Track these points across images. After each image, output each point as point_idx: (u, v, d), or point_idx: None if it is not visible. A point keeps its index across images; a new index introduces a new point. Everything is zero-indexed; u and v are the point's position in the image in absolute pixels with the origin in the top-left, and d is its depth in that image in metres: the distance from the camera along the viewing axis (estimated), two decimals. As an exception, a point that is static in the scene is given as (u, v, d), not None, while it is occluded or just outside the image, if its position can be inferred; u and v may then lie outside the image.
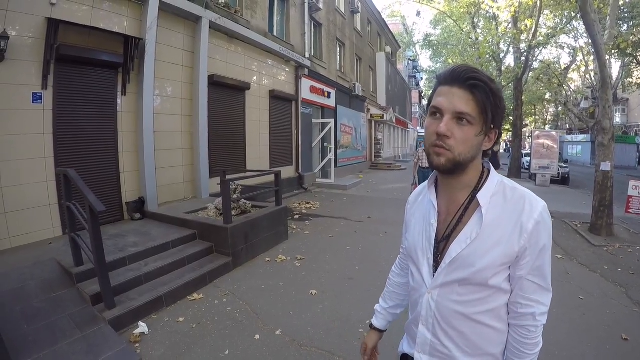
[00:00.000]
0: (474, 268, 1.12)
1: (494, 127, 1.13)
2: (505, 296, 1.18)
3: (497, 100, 1.09)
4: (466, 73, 1.07)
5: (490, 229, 1.12)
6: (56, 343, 3.32)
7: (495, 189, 1.16)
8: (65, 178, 4.34)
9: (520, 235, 1.09)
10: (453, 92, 1.09)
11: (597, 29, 7.52)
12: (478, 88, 1.06)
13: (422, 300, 1.26)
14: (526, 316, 1.17)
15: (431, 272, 1.24)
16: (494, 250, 1.11)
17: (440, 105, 1.10)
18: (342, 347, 3.63)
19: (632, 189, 8.19)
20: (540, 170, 16.41)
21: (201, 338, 3.75)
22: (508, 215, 1.12)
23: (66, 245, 4.70)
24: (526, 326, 1.17)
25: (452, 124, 1.08)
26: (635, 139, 32.00)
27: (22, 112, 5.32)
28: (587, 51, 17.79)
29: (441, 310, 1.20)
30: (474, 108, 1.07)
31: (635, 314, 4.37)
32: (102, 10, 6.32)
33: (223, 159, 9.45)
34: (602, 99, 7.95)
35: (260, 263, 5.98)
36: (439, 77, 1.17)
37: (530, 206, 1.12)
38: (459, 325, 1.18)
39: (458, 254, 1.15)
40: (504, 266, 1.13)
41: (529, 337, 1.18)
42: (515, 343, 1.20)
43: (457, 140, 1.08)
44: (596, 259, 6.27)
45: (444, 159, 1.10)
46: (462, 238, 1.15)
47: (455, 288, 1.17)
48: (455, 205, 1.22)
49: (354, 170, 19.56)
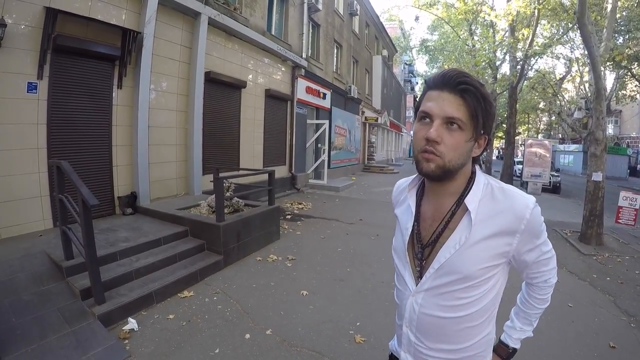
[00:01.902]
0: (463, 273, 1.11)
1: (483, 133, 1.11)
2: (494, 295, 1.18)
3: (487, 106, 1.07)
4: (457, 77, 1.06)
5: (480, 232, 1.10)
6: (45, 337, 3.29)
7: (483, 192, 1.15)
8: (58, 170, 4.29)
9: (517, 227, 1.10)
10: (443, 96, 1.07)
11: (593, 41, 7.60)
12: (469, 93, 1.04)
13: (406, 302, 1.26)
14: (539, 283, 1.31)
15: (413, 277, 1.24)
16: (484, 252, 1.10)
17: (429, 109, 1.08)
18: (332, 348, 3.63)
19: (623, 199, 8.28)
20: (532, 179, 16.52)
21: (191, 336, 3.73)
22: (499, 214, 1.11)
23: (57, 238, 4.66)
24: (539, 285, 1.32)
25: (442, 129, 1.06)
26: (627, 150, 32.37)
27: (17, 102, 5.26)
28: (582, 62, 17.96)
29: (425, 314, 1.20)
30: (464, 113, 1.05)
31: (623, 323, 4.43)
32: (101, 2, 6.27)
33: (217, 156, 9.41)
34: (596, 110, 8.02)
35: (251, 262, 5.96)
36: (428, 81, 1.15)
37: (523, 198, 1.12)
38: (443, 329, 1.19)
39: (447, 260, 1.13)
40: (496, 265, 1.13)
41: (540, 293, 1.34)
42: (527, 296, 1.38)
43: (447, 146, 1.06)
44: (585, 268, 6.33)
45: (434, 164, 1.08)
46: (450, 244, 1.14)
47: (441, 292, 1.16)
48: (441, 210, 1.20)
49: (346, 172, 19.58)
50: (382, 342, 3.76)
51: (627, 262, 6.80)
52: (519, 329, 1.41)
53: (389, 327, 4.03)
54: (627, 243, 8.18)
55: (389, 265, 5.67)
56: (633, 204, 8.16)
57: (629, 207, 8.20)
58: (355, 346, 3.68)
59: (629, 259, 6.96)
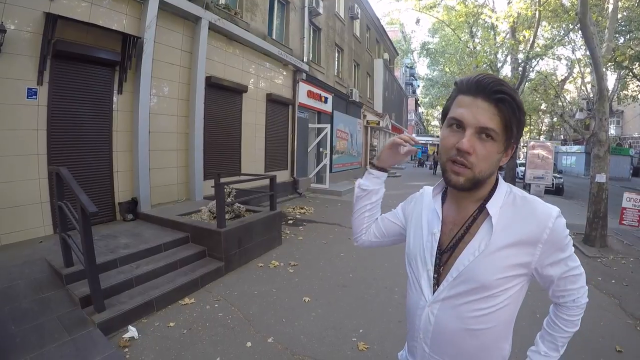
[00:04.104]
0: (481, 281, 1.07)
1: (513, 142, 1.07)
2: (512, 309, 1.14)
3: (521, 116, 1.02)
4: (494, 85, 0.99)
5: (500, 239, 1.07)
6: (44, 346, 3.25)
7: (505, 199, 1.12)
8: (57, 176, 4.26)
9: (539, 236, 1.05)
10: (477, 104, 1.01)
11: (595, 42, 7.56)
12: (505, 102, 0.99)
13: (421, 313, 1.20)
14: (567, 302, 1.21)
15: (430, 285, 1.19)
16: (504, 261, 1.06)
17: (462, 117, 1.03)
18: (335, 355, 3.59)
19: (627, 200, 8.21)
20: (534, 180, 16.43)
21: (192, 344, 3.69)
22: (521, 222, 1.07)
23: (57, 245, 4.62)
24: (567, 305, 1.22)
25: (474, 139, 1.01)
26: (629, 151, 32.31)
27: (16, 108, 5.25)
28: (584, 63, 17.89)
29: (441, 326, 1.15)
30: (498, 123, 1.00)
31: (629, 326, 4.37)
32: (101, 7, 6.27)
33: (218, 161, 9.38)
34: (599, 111, 7.97)
35: (253, 268, 5.92)
36: (460, 84, 1.09)
37: (546, 207, 1.08)
38: (459, 342, 1.14)
39: (465, 267, 1.09)
40: (516, 276, 1.08)
41: (568, 314, 1.23)
42: (554, 317, 1.27)
43: (478, 157, 1.01)
44: (590, 270, 6.25)
45: (463, 178, 1.04)
46: (470, 250, 1.10)
47: (458, 303, 1.12)
48: (463, 215, 1.17)
49: (348, 176, 19.52)
50: (385, 349, 3.71)
51: (632, 264, 6.73)
52: (543, 354, 1.28)
53: (393, 334, 3.98)
54: (632, 244, 8.10)
55: (392, 271, 5.64)
56: (637, 205, 8.09)
57: (633, 208, 8.13)
58: (358, 353, 3.63)
59: (634, 261, 6.88)
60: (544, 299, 1.29)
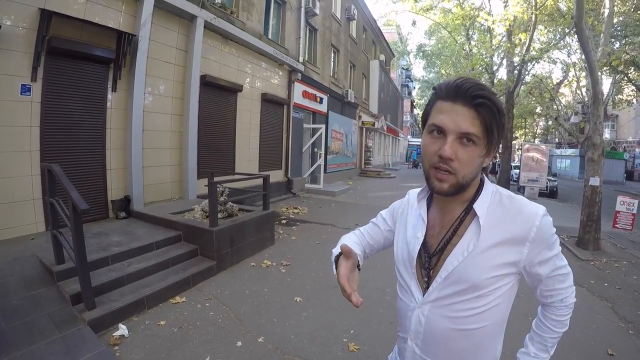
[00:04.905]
0: (471, 281, 1.07)
1: (494, 144, 1.07)
2: (503, 309, 1.14)
3: (502, 118, 1.02)
4: (473, 90, 0.99)
5: (488, 239, 1.07)
6: (34, 343, 3.24)
7: (491, 199, 1.12)
8: (49, 173, 4.24)
9: (526, 235, 1.06)
10: (456, 109, 1.01)
11: (590, 46, 7.59)
12: (484, 107, 0.99)
13: (411, 315, 1.21)
14: (555, 302, 1.22)
15: (419, 286, 1.20)
16: (493, 260, 1.07)
17: (442, 124, 1.02)
18: (326, 356, 3.58)
19: (620, 204, 8.25)
20: (529, 183, 16.53)
21: (182, 343, 3.68)
22: (508, 221, 1.08)
23: (49, 242, 4.58)
24: (555, 305, 1.23)
25: (456, 144, 1.01)
26: (624, 154, 32.50)
27: (10, 104, 5.21)
28: (579, 67, 17.97)
29: (432, 327, 1.16)
30: (478, 127, 1.00)
31: (621, 329, 4.39)
32: (97, 4, 6.24)
33: (211, 160, 9.36)
34: (594, 115, 8.01)
35: (245, 268, 5.91)
36: (438, 90, 1.08)
37: (532, 206, 1.10)
38: (450, 342, 1.14)
39: (455, 268, 1.10)
40: (505, 275, 1.09)
41: (557, 314, 1.24)
42: (543, 317, 1.28)
43: (461, 162, 1.01)
44: (583, 273, 6.29)
45: (447, 185, 1.04)
46: (458, 251, 1.10)
47: (448, 303, 1.12)
48: (449, 218, 1.17)
49: (343, 176, 19.55)
50: (375, 351, 3.71)
51: (625, 267, 6.77)
52: (533, 355, 1.28)
53: (384, 335, 3.98)
54: (625, 248, 8.15)
55: (384, 272, 5.63)
56: (630, 208, 8.14)
57: (626, 212, 8.18)
58: (348, 354, 3.63)
59: (627, 264, 6.92)
60: (535, 301, 1.28)
